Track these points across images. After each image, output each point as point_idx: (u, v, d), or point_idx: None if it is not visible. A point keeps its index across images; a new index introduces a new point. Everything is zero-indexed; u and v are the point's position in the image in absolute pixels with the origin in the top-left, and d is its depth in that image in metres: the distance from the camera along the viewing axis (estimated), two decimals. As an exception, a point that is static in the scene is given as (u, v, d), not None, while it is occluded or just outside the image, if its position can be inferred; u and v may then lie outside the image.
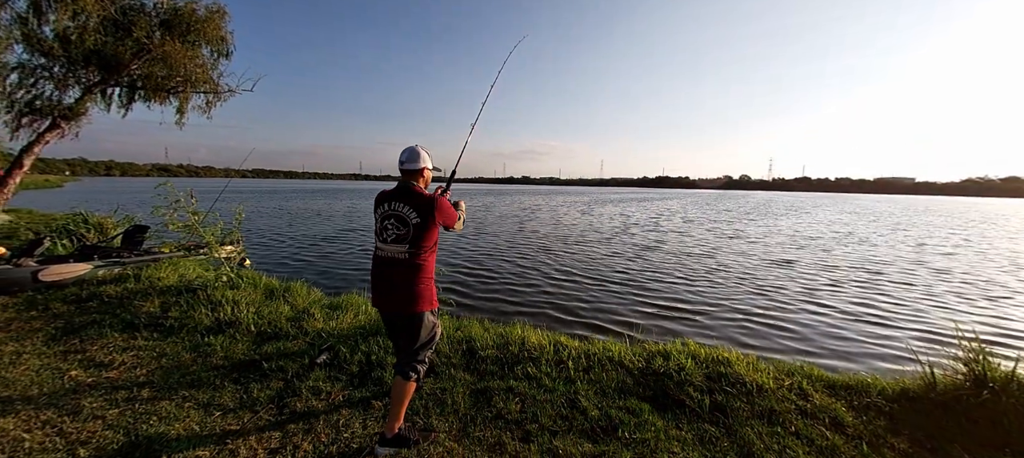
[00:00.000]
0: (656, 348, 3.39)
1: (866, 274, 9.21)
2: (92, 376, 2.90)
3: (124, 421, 2.38)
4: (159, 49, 8.32)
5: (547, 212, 26.49)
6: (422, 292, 2.20)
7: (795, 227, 19.81)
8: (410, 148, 2.30)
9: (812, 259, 11.03)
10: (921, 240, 15.79)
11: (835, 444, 2.35)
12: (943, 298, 7.36)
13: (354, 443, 2.27)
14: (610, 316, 5.86)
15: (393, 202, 2.21)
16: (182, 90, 9.20)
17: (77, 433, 2.25)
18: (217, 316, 3.87)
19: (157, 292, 4.51)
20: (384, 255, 2.22)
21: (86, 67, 9.31)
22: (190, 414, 2.48)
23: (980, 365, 2.86)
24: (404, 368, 2.23)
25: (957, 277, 9.19)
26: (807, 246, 13.42)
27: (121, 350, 3.31)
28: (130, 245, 6.19)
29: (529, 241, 13.18)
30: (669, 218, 23.82)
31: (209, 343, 3.44)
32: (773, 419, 2.56)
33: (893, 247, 13.76)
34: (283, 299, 4.44)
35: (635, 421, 2.50)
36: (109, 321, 3.83)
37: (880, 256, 11.80)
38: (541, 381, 2.94)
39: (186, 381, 2.86)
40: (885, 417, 2.65)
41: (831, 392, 2.89)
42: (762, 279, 8.44)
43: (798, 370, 3.17)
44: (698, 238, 14.86)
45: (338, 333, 3.63)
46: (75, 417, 2.39)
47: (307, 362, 3.13)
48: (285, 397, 2.69)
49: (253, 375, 2.97)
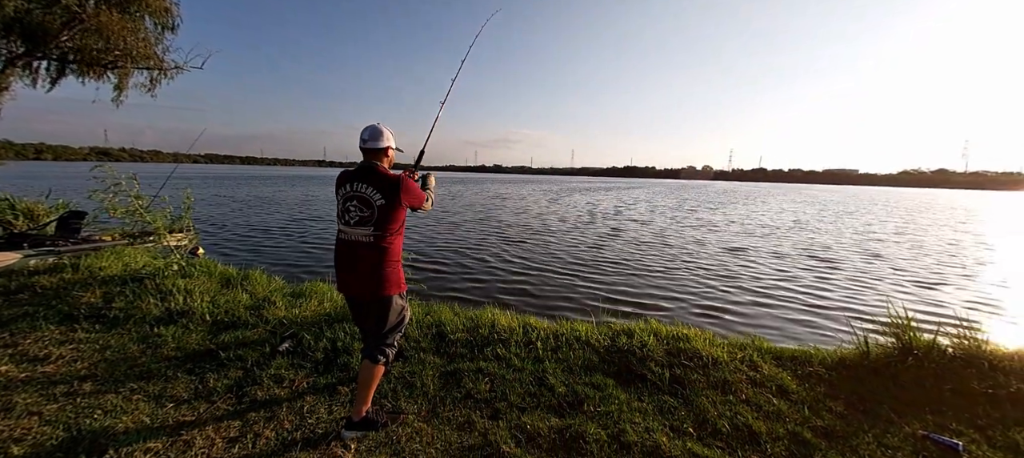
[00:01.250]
0: (621, 327, 3.51)
1: (812, 259, 9.90)
2: (25, 371, 2.67)
3: (64, 416, 2.21)
4: (93, 19, 7.58)
5: (516, 201, 26.58)
6: (389, 275, 2.15)
7: (751, 214, 20.92)
8: (371, 126, 2.20)
9: (764, 245, 11.71)
10: (862, 227, 17.12)
11: (780, 409, 2.54)
12: (879, 277, 8.04)
13: (319, 428, 2.22)
14: (578, 300, 6.00)
15: (356, 183, 2.12)
16: (121, 65, 8.45)
17: (9, 431, 2.08)
18: (168, 306, 3.65)
19: (99, 282, 4.18)
20: (348, 238, 2.14)
21: (7, 37, 8.35)
22: (139, 406, 2.34)
23: (907, 335, 3.16)
24: (372, 351, 2.19)
25: (893, 260, 10.05)
26: (760, 233, 14.23)
27: (58, 343, 3.07)
28: (66, 233, 5.69)
29: (498, 229, 13.21)
30: (634, 206, 24.50)
31: (159, 334, 3.25)
32: (726, 389, 2.73)
33: (838, 234, 14.84)
34: (241, 288, 4.24)
35: (600, 395, 2.60)
36: (44, 313, 3.52)
37: (824, 242, 12.70)
38: (510, 361, 2.98)
39: (134, 373, 2.70)
40: (825, 384, 2.88)
41: (778, 363, 3.11)
42: (719, 264, 8.89)
43: (750, 344, 3.38)
44: (660, 226, 15.41)
45: (302, 320, 3.52)
46: (7, 414, 2.21)
47: (268, 350, 3.02)
48: (245, 386, 2.59)
49: (209, 365, 2.83)
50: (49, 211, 7.23)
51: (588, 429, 2.25)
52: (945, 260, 10.23)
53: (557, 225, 14.48)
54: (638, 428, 2.30)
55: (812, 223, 17.87)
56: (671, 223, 16.25)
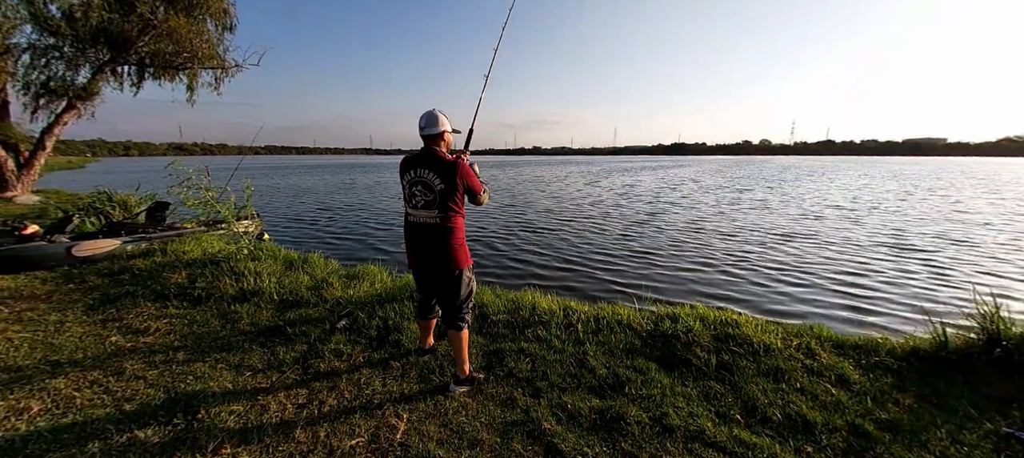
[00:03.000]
0: (664, 311, 3.45)
1: (887, 239, 9.03)
2: (131, 341, 3.10)
3: (163, 380, 2.56)
4: (164, 24, 8.30)
5: (556, 184, 26.29)
6: (458, 252, 2.34)
7: (809, 193, 19.31)
8: (428, 112, 2.32)
9: (833, 225, 10.83)
10: (946, 205, 15.29)
11: (839, 399, 2.41)
12: (963, 262, 7.21)
13: (375, 399, 2.41)
14: (621, 284, 5.92)
15: (418, 168, 2.28)
16: (190, 66, 9.23)
17: (122, 391, 2.44)
18: (241, 286, 4.05)
19: (183, 265, 4.71)
20: (416, 220, 2.33)
21: (95, 46, 9.39)
22: (223, 374, 2.65)
23: (993, 324, 2.85)
24: (455, 321, 2.43)
25: (980, 242, 8.95)
26: (822, 214, 13.14)
27: (155, 318, 3.52)
28: (153, 221, 6.42)
29: (538, 211, 13.19)
30: (677, 187, 23.42)
31: (235, 311, 3.62)
32: (778, 377, 2.62)
33: (914, 212, 13.39)
34: (302, 270, 4.60)
35: (642, 378, 2.59)
36: (141, 292, 4.04)
37: (897, 224, 11.51)
38: (551, 343, 3.03)
39: (217, 345, 3.05)
40: (893, 375, 2.68)
41: (839, 352, 2.92)
42: (775, 248, 8.36)
43: (807, 331, 3.19)
44: (706, 208, 14.66)
45: (356, 300, 3.77)
46: (119, 377, 2.59)
47: (328, 327, 3.28)
48: (309, 359, 2.84)
49: (278, 339, 3.14)
50: (139, 202, 8.15)
51: (629, 411, 2.26)
52: (1050, 240, 8.93)
53: (590, 209, 14.21)
54: (681, 412, 2.28)
55: (879, 202, 16.21)
56: (715, 206, 15.41)
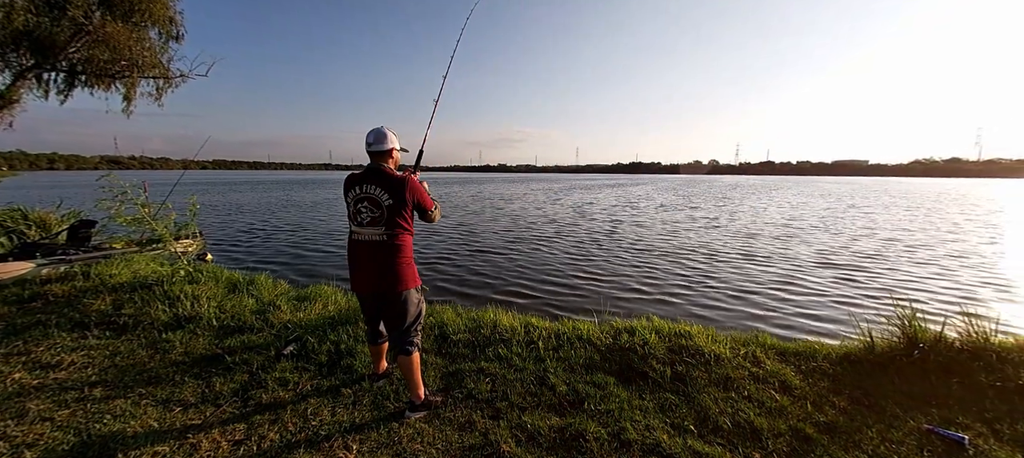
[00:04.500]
0: (622, 325, 3.51)
1: (813, 252, 9.79)
2: (38, 378, 2.74)
3: (75, 421, 2.27)
4: (100, 30, 7.70)
5: (517, 201, 26.58)
6: (404, 271, 2.25)
7: (759, 211, 20.71)
8: (376, 129, 2.28)
9: (773, 243, 11.60)
10: (867, 220, 16.88)
11: (783, 405, 2.53)
12: (885, 270, 7.94)
13: (322, 430, 2.25)
14: (582, 298, 6.00)
15: (364, 185, 2.21)
16: (128, 75, 8.57)
17: (23, 436, 2.13)
18: (175, 311, 3.72)
19: (108, 289, 4.26)
20: (360, 238, 2.24)
21: (16, 50, 8.52)
22: (148, 411, 2.39)
23: (912, 328, 3.13)
24: (403, 346, 2.32)
25: (897, 253, 9.91)
26: (766, 231, 14.10)
27: (70, 350, 3.14)
28: (76, 241, 5.80)
29: (502, 229, 13.22)
30: (636, 204, 24.38)
31: (167, 339, 3.31)
32: (728, 385, 2.72)
33: (843, 226, 14.66)
34: (247, 292, 4.30)
35: (601, 393, 2.60)
36: (56, 321, 3.61)
37: (824, 236, 12.54)
38: (512, 361, 3.00)
39: (143, 379, 2.75)
40: (829, 379, 2.86)
41: (782, 358, 3.09)
42: (727, 259, 8.83)
43: (752, 339, 3.36)
44: (659, 224, 15.33)
45: (306, 324, 3.56)
46: (20, 420, 2.26)
47: (273, 354, 3.07)
48: (250, 389, 2.63)
49: (215, 369, 2.88)
50: (61, 220, 7.37)
51: (588, 427, 2.26)
52: (954, 251, 10.06)
53: (550, 226, 14.46)
54: (639, 426, 2.30)
55: (815, 216, 17.67)
56: (670, 218, 16.16)
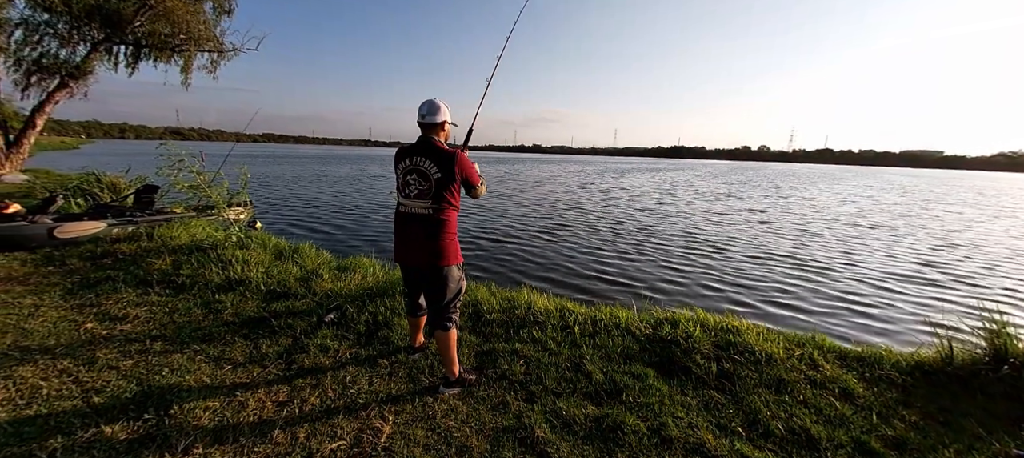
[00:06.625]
0: (664, 315, 3.35)
1: (881, 251, 8.99)
2: (107, 329, 2.97)
3: (137, 372, 2.43)
4: (161, 4, 8.10)
5: (554, 181, 26.20)
6: (447, 247, 2.23)
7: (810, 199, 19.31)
8: (429, 101, 2.23)
9: (838, 232, 10.79)
10: (948, 217, 15.31)
11: (844, 413, 2.32)
12: (968, 276, 7.17)
13: (360, 398, 2.29)
14: (619, 284, 5.82)
15: (414, 157, 2.18)
16: (186, 48, 9.03)
17: (92, 382, 2.31)
18: (227, 274, 3.92)
19: (169, 250, 4.56)
20: (407, 210, 2.23)
21: (90, 23, 9.17)
22: (201, 367, 2.53)
23: (1001, 339, 2.77)
24: (441, 322, 2.30)
25: (982, 257, 8.93)
26: (826, 221, 13.11)
27: (135, 305, 3.38)
28: (141, 205, 6.25)
29: (539, 210, 13.09)
30: (676, 190, 23.38)
31: (220, 300, 3.49)
32: (781, 388, 2.52)
33: (920, 224, 13.38)
34: (292, 260, 4.47)
35: (640, 385, 2.49)
36: (123, 277, 3.90)
37: (899, 233, 11.49)
38: (547, 344, 2.93)
39: (198, 336, 2.92)
40: (897, 389, 2.59)
41: (842, 363, 2.83)
42: (777, 255, 8.30)
43: (809, 341, 3.10)
44: (695, 213, 14.61)
45: (346, 293, 3.65)
46: (90, 367, 2.46)
47: (315, 321, 3.16)
48: (293, 353, 2.72)
49: (262, 332, 3.01)
50: (129, 185, 7.98)
51: (626, 420, 2.16)
52: (1047, 256, 8.93)
53: (589, 210, 14.13)
54: (681, 423, 2.18)
55: (884, 209, 16.23)
56: (716, 212, 15.36)
